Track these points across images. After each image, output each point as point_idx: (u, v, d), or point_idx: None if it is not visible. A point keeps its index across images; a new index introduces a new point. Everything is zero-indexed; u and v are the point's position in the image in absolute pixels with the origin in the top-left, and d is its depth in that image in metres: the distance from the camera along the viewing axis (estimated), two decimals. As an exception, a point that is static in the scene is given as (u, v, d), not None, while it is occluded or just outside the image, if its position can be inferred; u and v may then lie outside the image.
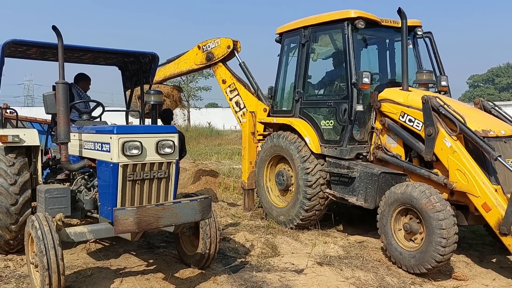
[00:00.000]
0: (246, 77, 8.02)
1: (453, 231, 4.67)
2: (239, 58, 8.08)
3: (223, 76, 8.23)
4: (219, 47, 8.14)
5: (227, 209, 8.00)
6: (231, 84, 8.12)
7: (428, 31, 6.90)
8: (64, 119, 4.27)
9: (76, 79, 6.39)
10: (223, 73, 8.22)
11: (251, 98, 7.93)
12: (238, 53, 8.12)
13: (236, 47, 8.08)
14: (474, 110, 5.92)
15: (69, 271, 4.76)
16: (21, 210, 4.93)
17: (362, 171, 5.78)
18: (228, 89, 8.16)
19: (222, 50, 8.10)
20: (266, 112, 7.64)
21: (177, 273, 4.83)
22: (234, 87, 8.09)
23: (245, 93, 7.99)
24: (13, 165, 4.93)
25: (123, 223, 3.59)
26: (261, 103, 7.80)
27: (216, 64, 8.26)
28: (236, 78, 8.13)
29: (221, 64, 8.21)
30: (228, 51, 8.05)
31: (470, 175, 4.92)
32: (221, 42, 8.12)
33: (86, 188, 4.83)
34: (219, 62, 8.18)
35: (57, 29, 4.30)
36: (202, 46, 8.35)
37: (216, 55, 8.16)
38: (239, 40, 8.13)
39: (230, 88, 8.12)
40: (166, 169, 4.27)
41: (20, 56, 5.68)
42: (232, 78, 8.13)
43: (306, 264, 5.06)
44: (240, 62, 8.02)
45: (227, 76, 8.18)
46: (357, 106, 5.98)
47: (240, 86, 8.07)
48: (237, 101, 8.05)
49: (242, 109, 8.03)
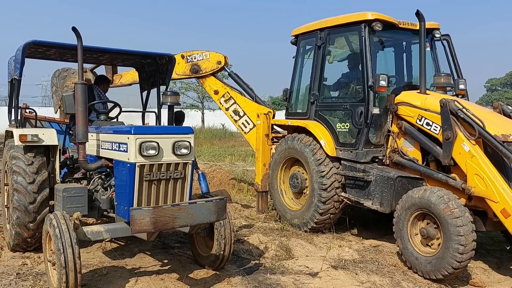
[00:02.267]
0: (239, 85, 7.95)
1: (471, 238, 4.60)
2: (227, 69, 8.05)
3: (214, 87, 8.10)
4: (207, 60, 8.03)
5: (241, 211, 8.00)
6: (224, 93, 8.00)
7: (446, 34, 6.83)
8: (82, 119, 4.32)
9: (97, 81, 6.48)
10: (214, 84, 8.10)
11: (250, 104, 7.87)
12: (227, 67, 8.07)
13: (226, 63, 8.01)
14: (493, 114, 5.84)
15: (85, 269, 4.80)
16: (39, 209, 4.98)
17: (378, 175, 5.73)
18: (222, 99, 8.03)
19: (212, 65, 8.00)
20: (271, 114, 7.62)
21: (191, 274, 4.85)
22: (228, 96, 7.97)
23: (242, 100, 7.89)
24: (31, 164, 5.00)
25: (140, 222, 3.62)
26: (263, 106, 7.79)
27: (205, 78, 8.13)
28: (229, 87, 8.02)
29: (210, 76, 8.10)
30: (219, 67, 7.98)
31: (489, 180, 4.85)
32: (210, 56, 8.01)
33: (103, 188, 4.87)
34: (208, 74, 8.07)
35: (77, 30, 4.35)
36: (186, 56, 8.20)
37: (203, 69, 8.04)
38: (226, 56, 8.05)
39: (225, 98, 7.99)
40: (182, 170, 4.29)
41: (40, 57, 5.76)
42: (225, 88, 8.02)
43: (320, 268, 5.03)
44: (229, 72, 7.96)
45: (218, 86, 8.05)
46: (373, 109, 5.94)
47: (236, 94, 7.97)
48: (234, 109, 7.92)
49: (242, 117, 7.93)
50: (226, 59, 8.05)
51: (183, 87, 36.68)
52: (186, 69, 8.22)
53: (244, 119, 7.93)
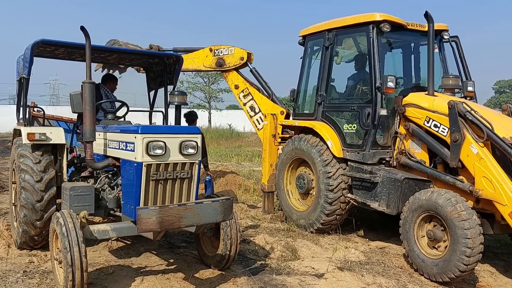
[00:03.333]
0: (258, 82, 8.05)
1: (478, 241, 4.56)
2: (250, 65, 8.09)
3: (236, 82, 8.23)
4: (232, 56, 8.13)
5: (247, 211, 8.00)
6: (244, 89, 8.12)
7: (455, 35, 6.79)
8: (90, 118, 4.34)
9: (103, 79, 6.50)
10: (235, 78, 8.22)
11: (266, 101, 7.93)
12: (251, 64, 8.12)
13: (250, 59, 8.08)
14: (501, 116, 5.79)
15: (92, 268, 4.82)
16: (46, 207, 5.01)
17: (385, 176, 5.70)
18: (241, 94, 8.16)
19: (235, 60, 8.09)
20: (283, 115, 7.63)
21: (197, 274, 4.85)
22: (247, 91, 8.09)
23: (259, 97, 7.99)
24: (39, 163, 5.03)
25: (146, 222, 3.63)
26: (277, 106, 7.82)
27: (228, 72, 8.25)
28: (249, 83, 8.13)
29: (233, 71, 8.21)
30: (241, 63, 8.05)
31: (497, 182, 4.81)
32: (235, 52, 8.10)
33: (110, 187, 4.89)
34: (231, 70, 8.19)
35: (85, 29, 4.37)
36: (214, 50, 8.31)
37: (227, 63, 8.15)
38: (252, 52, 8.12)
39: (244, 93, 8.12)
40: (189, 170, 4.29)
41: (48, 56, 5.79)
42: (245, 83, 8.13)
43: (326, 269, 5.02)
44: (251, 68, 8.03)
45: (239, 82, 8.18)
46: (381, 110, 5.91)
47: (254, 91, 8.07)
48: (251, 105, 8.06)
49: (257, 113, 8.04)
50: (251, 55, 8.10)
51: (190, 87, 36.80)
52: (212, 62, 8.32)
53: (258, 116, 8.02)
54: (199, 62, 8.49)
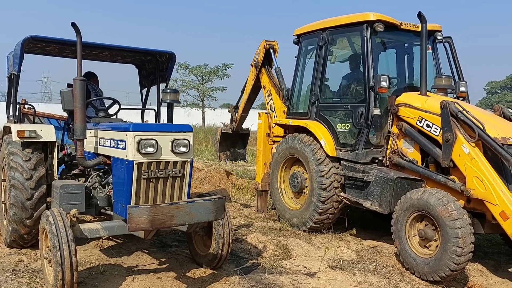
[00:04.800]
0: (279, 81, 8.08)
1: (469, 240, 4.58)
2: (276, 62, 8.08)
3: (264, 83, 8.34)
4: (259, 52, 8.21)
5: (240, 210, 7.99)
6: (268, 89, 8.23)
7: (448, 36, 6.82)
8: (80, 115, 4.30)
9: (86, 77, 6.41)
10: (264, 79, 8.31)
11: (278, 101, 7.96)
12: (275, 53, 8.07)
13: (273, 47, 8.02)
14: (493, 117, 5.82)
15: (82, 267, 4.78)
16: (36, 205, 4.96)
17: (378, 176, 5.71)
18: (266, 93, 8.28)
19: (261, 54, 8.14)
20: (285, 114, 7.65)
21: (189, 273, 4.83)
22: (270, 92, 8.20)
23: (276, 97, 8.06)
24: (29, 160, 4.97)
25: (137, 220, 3.60)
26: (284, 105, 7.82)
27: (261, 72, 8.29)
28: (272, 83, 8.19)
29: (263, 70, 8.24)
30: (264, 51, 8.05)
31: (488, 182, 4.83)
32: (259, 46, 8.20)
33: (101, 185, 4.85)
34: (262, 67, 8.22)
35: (76, 26, 4.32)
36: (252, 63, 8.43)
37: (259, 61, 8.23)
38: (276, 41, 8.10)
39: (267, 93, 8.24)
40: (180, 168, 4.26)
41: (39, 53, 5.74)
42: (270, 84, 8.21)
43: (318, 268, 5.02)
44: (275, 67, 8.07)
45: (266, 82, 8.28)
46: (374, 110, 5.92)
47: (273, 91, 8.13)
48: (271, 104, 8.18)
49: (273, 112, 8.13)
50: (274, 43, 8.06)
51: (183, 85, 36.65)
52: (254, 70, 8.38)
53: (273, 115, 8.12)
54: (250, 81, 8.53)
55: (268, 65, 8.26)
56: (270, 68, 8.27)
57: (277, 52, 8.10)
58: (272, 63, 8.23)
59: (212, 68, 36.45)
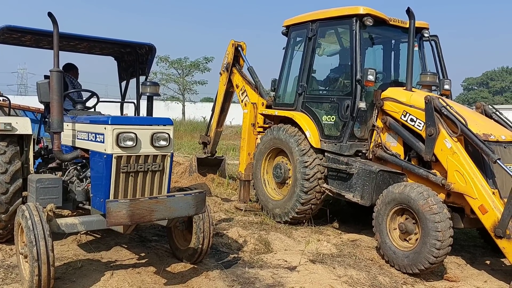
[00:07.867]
0: (252, 78, 8.22)
1: (448, 234, 4.65)
2: (247, 61, 8.26)
3: (236, 82, 8.43)
4: (228, 53, 8.40)
5: (221, 204, 7.95)
6: (242, 87, 8.30)
7: (434, 35, 6.92)
8: (57, 108, 4.20)
9: (65, 68, 6.27)
10: (237, 78, 8.42)
11: (254, 95, 8.02)
12: (244, 51, 8.30)
13: (241, 46, 8.28)
14: (475, 114, 5.92)
15: (59, 262, 4.69)
16: (12, 200, 4.84)
17: (361, 168, 5.76)
18: (240, 92, 8.35)
19: (231, 53, 8.32)
20: (264, 106, 7.64)
21: (168, 268, 4.78)
22: (244, 89, 8.26)
23: (250, 92, 8.13)
24: (4, 154, 4.84)
25: (116, 215, 3.54)
26: (261, 98, 7.87)
27: (232, 72, 8.42)
28: (246, 81, 8.29)
29: (235, 70, 8.38)
30: (233, 49, 8.25)
31: (469, 176, 4.91)
32: (227, 48, 8.36)
33: (79, 179, 4.76)
34: (232, 67, 8.37)
35: (53, 16, 4.21)
36: (221, 70, 8.61)
37: (229, 62, 8.38)
38: (244, 42, 8.36)
39: (241, 91, 8.31)
40: (160, 162, 4.21)
41: (14, 43, 5.57)
42: (243, 82, 8.29)
43: (299, 262, 5.03)
44: (248, 67, 8.21)
45: (239, 81, 8.37)
46: (360, 103, 5.96)
47: (247, 87, 8.21)
48: (246, 102, 8.22)
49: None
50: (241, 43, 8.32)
51: (164, 78, 36.30)
52: (224, 74, 8.57)
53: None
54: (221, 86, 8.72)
55: (238, 64, 8.45)
56: (240, 67, 8.44)
57: (245, 51, 8.32)
58: (242, 62, 8.41)
59: (193, 62, 36.17)
